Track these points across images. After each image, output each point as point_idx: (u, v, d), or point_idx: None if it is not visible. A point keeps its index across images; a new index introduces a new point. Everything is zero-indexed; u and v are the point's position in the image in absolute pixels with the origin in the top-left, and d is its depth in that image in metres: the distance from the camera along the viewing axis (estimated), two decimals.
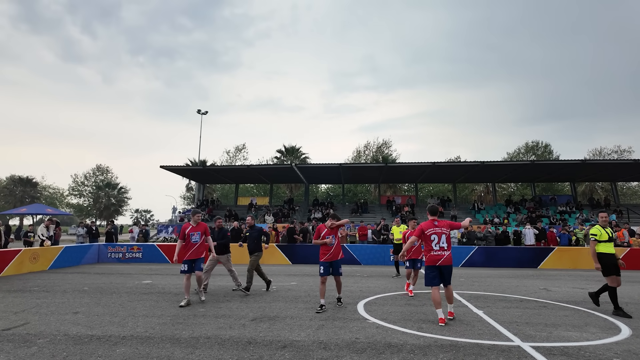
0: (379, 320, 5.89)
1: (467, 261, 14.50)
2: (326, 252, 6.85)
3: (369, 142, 52.30)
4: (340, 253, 6.96)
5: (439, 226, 5.91)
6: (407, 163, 25.17)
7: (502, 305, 7.07)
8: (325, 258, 6.84)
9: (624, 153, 44.35)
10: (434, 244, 5.82)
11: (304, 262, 14.88)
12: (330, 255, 6.83)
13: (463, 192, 43.59)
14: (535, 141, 49.31)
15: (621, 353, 4.39)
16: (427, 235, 5.88)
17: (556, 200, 28.81)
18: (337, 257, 6.90)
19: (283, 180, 34.03)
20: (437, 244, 5.81)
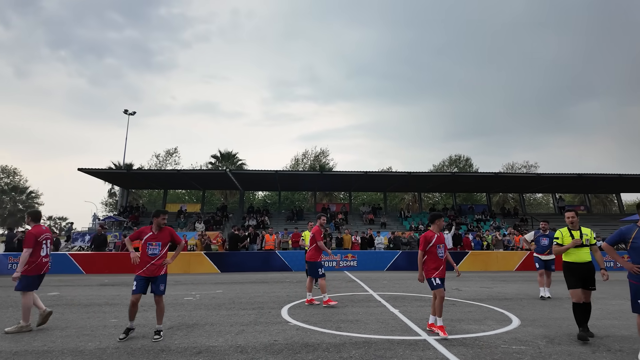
0: (300, 322, 5.99)
1: (391, 265, 15.26)
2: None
3: (307, 150, 53.08)
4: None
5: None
6: (342, 172, 25.91)
7: (417, 305, 7.57)
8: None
9: (531, 168, 50.06)
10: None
11: (234, 270, 14.57)
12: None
13: (393, 200, 45.81)
14: (458, 155, 53.65)
15: (508, 340, 4.96)
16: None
17: (474, 209, 31.50)
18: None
19: (217, 187, 33.05)
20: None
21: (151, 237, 5.34)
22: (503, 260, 15.55)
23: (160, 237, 5.40)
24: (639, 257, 4.24)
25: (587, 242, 5.41)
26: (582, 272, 5.24)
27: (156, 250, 5.35)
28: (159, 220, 5.43)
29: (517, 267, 15.43)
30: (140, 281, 5.20)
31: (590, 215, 31.39)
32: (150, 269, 5.28)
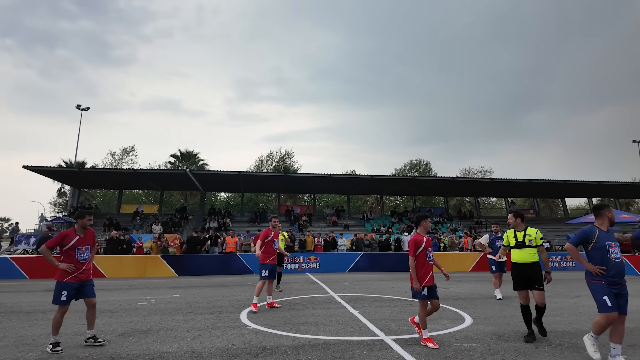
0: (259, 326, 5.91)
1: (353, 267, 15.46)
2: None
3: (272, 152, 52.53)
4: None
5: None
6: (306, 174, 25.94)
7: (376, 305, 7.71)
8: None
9: (486, 173, 52.63)
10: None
11: (193, 274, 14.15)
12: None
13: (356, 203, 46.46)
14: (418, 159, 55.34)
15: (461, 338, 5.17)
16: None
17: (432, 211, 32.61)
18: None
19: (176, 188, 32.00)
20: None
21: (80, 242, 4.93)
22: (458, 261, 16.20)
23: (88, 240, 5.06)
24: (601, 258, 4.23)
25: (530, 242, 5.33)
26: (525, 272, 5.22)
27: (86, 255, 5.01)
28: (84, 221, 5.03)
29: (472, 267, 16.13)
30: (71, 290, 4.84)
31: (538, 218, 33.46)
32: (82, 275, 4.92)
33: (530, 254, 5.29)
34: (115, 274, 13.69)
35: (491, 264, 9.30)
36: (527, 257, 5.28)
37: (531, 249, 5.31)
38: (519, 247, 5.35)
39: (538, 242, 5.34)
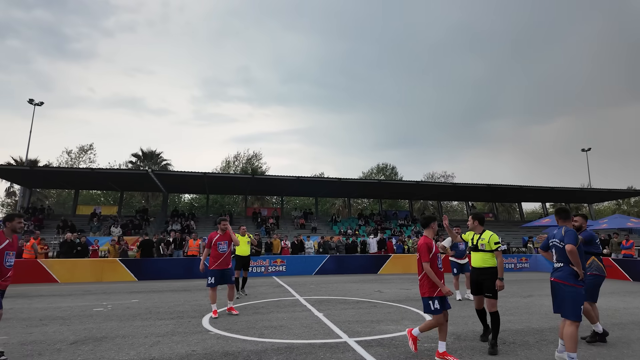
0: (222, 331, 5.79)
1: (320, 269, 15.51)
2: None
3: (240, 153, 51.62)
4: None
5: None
6: (274, 176, 25.75)
7: (341, 307, 7.77)
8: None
9: (448, 178, 54.41)
10: None
11: (154, 278, 13.65)
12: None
13: (325, 206, 46.66)
14: (385, 163, 56.35)
15: (421, 338, 5.29)
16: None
17: (397, 214, 33.31)
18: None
19: (137, 188, 30.79)
20: None
21: (9, 246, 4.51)
22: None
23: (15, 245, 4.66)
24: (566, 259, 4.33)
25: (483, 247, 5.06)
26: (477, 277, 5.06)
27: (12, 260, 4.59)
28: (13, 224, 4.62)
29: None
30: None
31: (497, 221, 35.00)
32: (5, 282, 4.46)
33: (482, 258, 5.05)
34: (69, 279, 12.97)
35: (453, 266, 9.51)
36: (478, 261, 5.08)
37: (484, 253, 5.04)
38: (474, 251, 5.19)
39: (492, 246, 5.01)
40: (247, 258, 9.86)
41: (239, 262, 9.68)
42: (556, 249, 4.43)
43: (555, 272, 4.39)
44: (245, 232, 10.06)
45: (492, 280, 4.89)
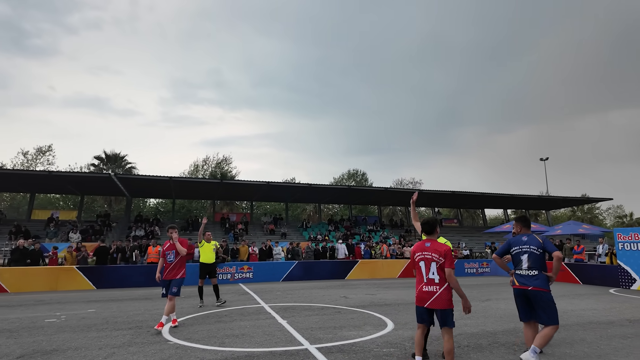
0: (182, 340, 5.67)
1: (287, 275, 15.46)
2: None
3: (209, 156, 50.69)
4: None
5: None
6: (243, 181, 25.45)
7: (305, 314, 7.79)
8: None
9: (417, 184, 55.81)
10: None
11: (113, 286, 13.15)
12: None
13: (295, 211, 46.58)
14: (355, 169, 57.05)
15: (381, 344, 5.42)
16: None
17: (367, 220, 33.77)
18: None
19: (99, 192, 29.58)
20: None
21: None
22: (388, 268, 16.94)
23: None
24: None
25: None
26: None
27: None
28: None
29: (400, 274, 16.96)
30: None
31: (461, 227, 36.19)
32: None
33: None
34: (20, 288, 12.26)
35: None
36: None
37: None
38: None
39: None
40: (212, 265, 9.57)
41: (203, 269, 9.45)
42: (530, 256, 4.43)
43: (532, 280, 4.34)
44: (211, 239, 9.88)
45: None
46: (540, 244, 4.46)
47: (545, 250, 4.44)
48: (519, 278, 4.50)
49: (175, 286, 6.74)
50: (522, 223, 4.78)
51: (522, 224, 4.78)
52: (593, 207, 54.10)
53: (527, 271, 4.42)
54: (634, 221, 53.08)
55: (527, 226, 4.77)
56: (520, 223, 4.80)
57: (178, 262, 6.84)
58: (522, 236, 4.65)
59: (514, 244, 4.65)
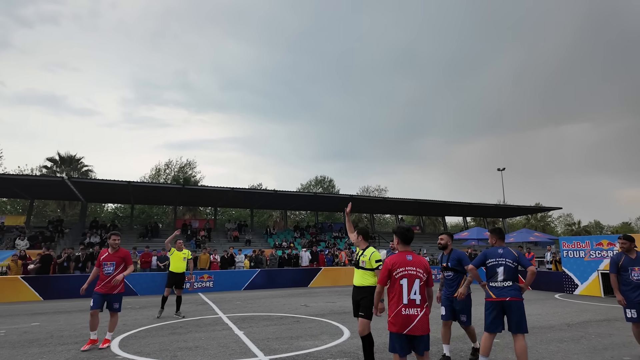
0: (131, 354, 5.48)
1: (249, 284, 15.26)
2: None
3: (172, 160, 49.14)
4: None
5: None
6: (206, 187, 24.94)
7: (263, 324, 7.74)
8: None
9: (382, 192, 56.90)
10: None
11: (63, 297, 12.45)
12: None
13: (262, 217, 46.10)
14: (323, 176, 57.39)
15: (335, 353, 5.49)
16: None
17: (333, 227, 34.00)
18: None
19: (51, 197, 27.94)
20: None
21: None
22: (351, 275, 17.09)
23: None
24: None
25: (363, 264, 4.82)
26: (354, 295, 4.87)
27: None
28: None
29: None
30: None
31: (423, 234, 37.22)
32: None
33: (360, 276, 4.84)
34: None
35: None
36: (357, 279, 4.89)
37: (364, 271, 4.79)
38: (356, 267, 4.93)
39: (372, 264, 4.74)
40: (181, 275, 9.08)
41: (171, 279, 8.98)
42: (505, 268, 4.52)
43: (508, 291, 4.46)
44: (182, 247, 9.39)
45: (369, 299, 4.59)
46: (516, 257, 4.59)
47: (520, 264, 4.60)
48: (495, 290, 4.55)
49: (117, 302, 6.19)
50: (497, 235, 4.85)
51: (497, 236, 4.85)
52: (545, 215, 57.30)
53: (502, 283, 4.52)
54: (581, 229, 56.81)
55: (502, 238, 4.85)
56: (495, 235, 4.87)
57: (118, 274, 6.20)
58: (497, 249, 4.73)
59: (490, 256, 4.72)
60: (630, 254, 5.35)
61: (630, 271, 5.24)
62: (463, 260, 5.18)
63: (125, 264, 6.33)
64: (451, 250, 5.37)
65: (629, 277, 5.24)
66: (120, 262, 6.26)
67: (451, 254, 5.33)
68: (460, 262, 5.19)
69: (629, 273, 5.25)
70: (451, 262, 5.27)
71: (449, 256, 5.34)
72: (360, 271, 4.84)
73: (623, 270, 5.30)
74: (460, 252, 5.34)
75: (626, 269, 5.28)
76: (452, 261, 5.27)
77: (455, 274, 5.23)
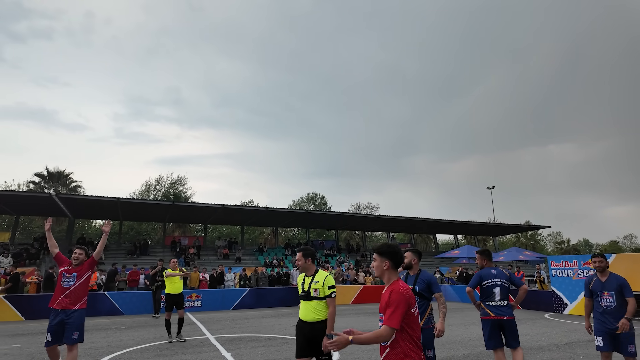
0: None
1: (238, 303, 15.01)
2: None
3: (162, 176, 48.80)
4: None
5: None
6: (196, 204, 24.80)
7: (251, 346, 7.61)
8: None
9: (373, 209, 56.98)
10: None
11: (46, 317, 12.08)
12: None
13: (253, 234, 45.70)
14: (315, 193, 57.41)
15: None
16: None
17: (324, 244, 33.83)
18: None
19: (38, 213, 27.46)
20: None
21: None
22: (340, 294, 16.95)
23: None
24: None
25: (316, 293, 3.85)
26: (307, 332, 3.82)
27: None
28: None
29: (353, 300, 17.04)
30: None
31: None
32: None
33: (313, 309, 3.84)
34: None
35: None
36: (310, 313, 3.84)
37: (317, 301, 3.85)
38: (305, 299, 3.93)
39: (325, 292, 3.87)
40: (179, 296, 8.62)
41: (169, 301, 8.48)
42: (502, 289, 4.81)
43: (505, 310, 4.75)
44: (177, 267, 8.98)
45: (322, 336, 3.75)
46: (508, 277, 4.89)
47: (513, 283, 4.90)
48: (493, 309, 4.78)
49: (76, 330, 4.91)
50: (486, 257, 5.11)
51: (486, 257, 5.11)
52: (535, 234, 57.78)
53: (500, 302, 4.76)
54: (570, 247, 57.28)
55: (490, 259, 5.12)
56: (484, 257, 5.11)
57: (80, 286, 5.12)
58: (491, 269, 4.97)
59: (485, 277, 4.93)
60: (602, 275, 4.80)
61: (600, 295, 4.73)
62: (433, 286, 4.40)
63: (89, 269, 5.30)
64: (419, 272, 4.51)
65: (598, 302, 4.74)
66: (84, 272, 5.21)
67: (419, 275, 4.46)
68: (430, 287, 4.37)
69: (598, 297, 4.75)
70: (419, 286, 4.36)
71: (417, 278, 4.44)
72: (313, 302, 3.85)
73: (593, 293, 4.83)
74: (430, 275, 4.54)
75: (595, 292, 4.79)
76: (420, 284, 4.38)
77: (422, 300, 4.27)
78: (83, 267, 5.21)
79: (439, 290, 4.42)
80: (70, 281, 5.10)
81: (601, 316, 4.68)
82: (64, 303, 4.98)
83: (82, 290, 5.14)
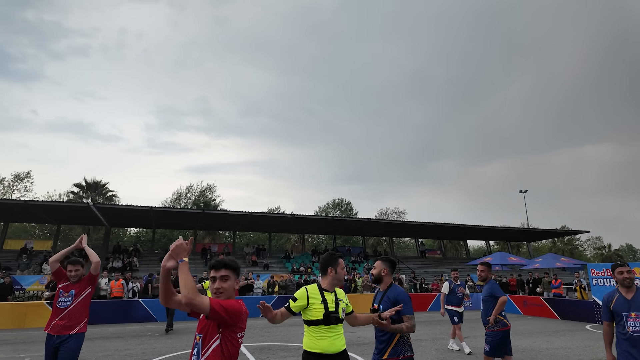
0: None
1: None
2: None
3: (192, 184, 50.22)
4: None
5: None
6: (225, 211, 25.34)
7: (281, 355, 7.64)
8: None
9: (401, 214, 56.15)
10: None
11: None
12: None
13: (280, 240, 46.08)
14: (340, 198, 57.28)
15: None
16: None
17: (351, 251, 33.63)
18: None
19: (77, 222, 28.87)
20: None
21: None
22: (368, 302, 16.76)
23: None
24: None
25: (344, 313, 3.19)
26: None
27: None
28: None
29: None
30: None
31: (444, 258, 36.30)
32: None
33: (340, 335, 3.08)
34: None
35: (452, 315, 8.47)
36: (340, 339, 3.05)
37: (341, 324, 3.12)
38: (331, 323, 3.02)
39: (348, 309, 3.34)
40: None
41: None
42: None
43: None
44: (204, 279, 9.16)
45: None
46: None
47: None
48: (507, 319, 5.52)
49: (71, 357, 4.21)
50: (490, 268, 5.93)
51: (490, 269, 5.92)
52: (573, 239, 55.12)
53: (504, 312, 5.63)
54: (612, 252, 54.22)
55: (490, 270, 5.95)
56: (489, 268, 5.90)
57: (79, 305, 4.42)
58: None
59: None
60: (627, 292, 3.65)
61: (625, 318, 3.56)
62: (405, 306, 3.23)
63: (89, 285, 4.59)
64: (389, 286, 3.47)
65: (623, 326, 3.57)
66: (84, 289, 4.51)
67: (388, 291, 3.43)
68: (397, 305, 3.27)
69: (623, 321, 3.58)
70: (383, 304, 3.36)
71: (384, 295, 3.44)
72: (340, 326, 3.07)
73: (616, 315, 3.65)
74: (400, 291, 3.41)
75: (619, 314, 3.62)
76: (385, 303, 3.36)
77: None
78: (82, 283, 4.50)
79: (409, 312, 3.21)
80: (67, 301, 4.38)
81: (628, 346, 3.50)
82: (58, 327, 4.25)
83: (81, 309, 4.40)
